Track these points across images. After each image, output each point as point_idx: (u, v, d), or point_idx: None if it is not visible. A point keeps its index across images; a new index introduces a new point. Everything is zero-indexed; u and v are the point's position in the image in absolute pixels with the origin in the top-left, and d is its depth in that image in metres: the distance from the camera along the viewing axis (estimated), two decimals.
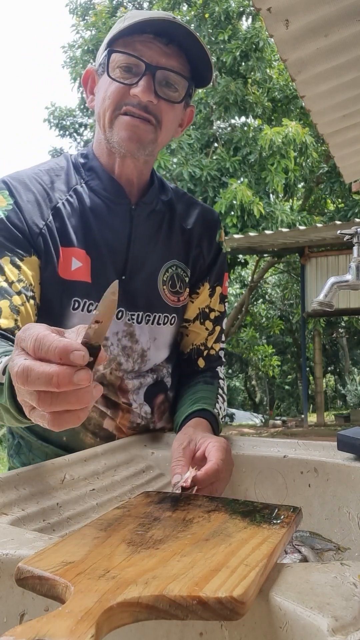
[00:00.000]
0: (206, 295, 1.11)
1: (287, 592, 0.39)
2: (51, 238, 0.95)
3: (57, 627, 0.33)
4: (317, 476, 0.83)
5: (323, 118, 3.22)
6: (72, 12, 11.32)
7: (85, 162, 1.03)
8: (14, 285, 0.89)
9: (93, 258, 0.98)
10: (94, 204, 1.00)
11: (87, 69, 1.01)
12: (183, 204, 1.11)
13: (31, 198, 0.95)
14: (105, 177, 1.00)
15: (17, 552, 0.48)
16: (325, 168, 10.10)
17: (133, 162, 0.98)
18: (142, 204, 1.03)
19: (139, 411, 1.03)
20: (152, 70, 0.90)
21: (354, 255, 0.77)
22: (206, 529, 0.51)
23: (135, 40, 0.90)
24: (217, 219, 1.14)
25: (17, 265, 0.91)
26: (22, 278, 0.91)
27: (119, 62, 0.91)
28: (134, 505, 0.58)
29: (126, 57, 0.91)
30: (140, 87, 0.89)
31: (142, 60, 0.90)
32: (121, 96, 0.91)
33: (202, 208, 1.13)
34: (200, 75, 0.97)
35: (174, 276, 1.06)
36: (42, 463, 0.77)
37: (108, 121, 0.93)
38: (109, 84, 0.92)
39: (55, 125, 11.88)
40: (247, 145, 8.99)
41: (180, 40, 0.91)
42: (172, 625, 0.43)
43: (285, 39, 2.48)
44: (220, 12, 9.16)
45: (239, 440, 0.96)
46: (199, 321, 1.11)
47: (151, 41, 0.90)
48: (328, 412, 12.27)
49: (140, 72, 0.90)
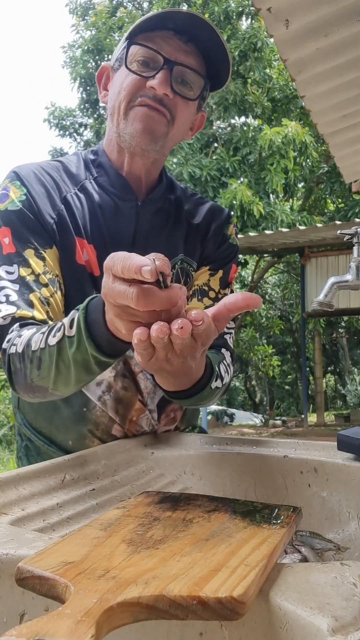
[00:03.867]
0: (205, 274, 1.08)
1: (287, 592, 0.39)
2: (65, 227, 0.95)
3: (57, 627, 0.33)
4: (317, 476, 0.83)
5: (323, 118, 3.22)
6: (72, 12, 11.32)
7: (95, 159, 1.04)
8: (41, 278, 0.90)
9: (99, 252, 0.98)
10: (101, 200, 1.00)
11: (103, 65, 1.02)
12: (191, 202, 1.11)
13: (42, 188, 0.96)
14: (113, 173, 1.01)
15: (17, 552, 0.48)
16: (325, 168, 10.10)
17: (142, 160, 0.98)
18: (148, 201, 1.03)
19: (149, 416, 1.02)
20: (170, 65, 0.90)
21: (354, 255, 0.77)
22: (206, 529, 0.51)
23: (156, 36, 0.91)
24: (228, 214, 1.13)
25: (42, 257, 0.92)
26: (47, 269, 0.92)
27: (137, 55, 0.91)
28: (134, 505, 0.58)
29: (145, 51, 0.91)
30: (157, 80, 0.89)
31: (161, 54, 0.90)
32: (137, 88, 0.91)
33: (211, 205, 1.12)
34: (217, 76, 0.97)
35: (179, 271, 1.06)
36: (42, 463, 0.77)
37: (123, 112, 0.93)
38: (125, 76, 0.93)
39: (55, 125, 11.88)
40: (247, 145, 8.99)
41: (201, 39, 0.92)
42: (172, 625, 0.43)
43: (285, 39, 2.48)
44: (219, 12, 9.16)
45: (239, 440, 0.96)
46: (196, 298, 1.07)
47: (171, 37, 0.91)
48: (328, 412, 12.27)
49: (158, 66, 0.90)
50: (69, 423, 0.99)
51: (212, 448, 0.94)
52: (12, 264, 0.89)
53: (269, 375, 13.47)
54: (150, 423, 1.03)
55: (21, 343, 0.80)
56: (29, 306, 0.87)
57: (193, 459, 0.92)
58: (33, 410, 1.03)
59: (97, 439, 0.99)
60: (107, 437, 1.00)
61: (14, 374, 0.83)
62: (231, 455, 0.90)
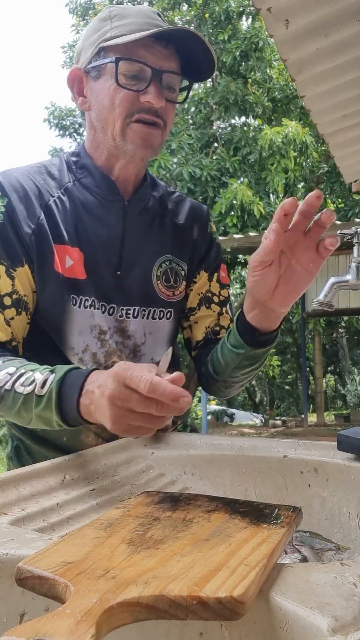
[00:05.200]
0: (205, 281, 1.13)
1: (287, 592, 0.39)
2: (44, 236, 0.96)
3: (57, 627, 0.33)
4: (317, 476, 0.83)
5: (323, 118, 3.23)
6: (72, 12, 11.31)
7: (77, 160, 1.04)
8: (5, 299, 0.92)
9: (87, 255, 0.99)
10: (86, 201, 1.01)
11: (73, 68, 0.99)
12: (173, 201, 1.13)
13: (23, 196, 0.96)
14: (98, 174, 1.02)
15: (17, 552, 0.48)
16: (325, 168, 10.09)
17: (135, 164, 1.01)
18: (135, 201, 1.04)
19: None
20: (159, 75, 0.92)
21: (354, 255, 0.77)
22: (206, 529, 0.51)
23: (137, 46, 0.90)
24: (207, 212, 1.17)
25: (12, 276, 0.93)
26: (16, 289, 0.93)
27: (123, 68, 0.91)
28: (134, 505, 0.58)
29: (131, 64, 0.91)
30: (152, 94, 0.91)
31: (149, 66, 0.91)
32: (131, 103, 0.93)
33: (191, 203, 1.15)
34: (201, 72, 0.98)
35: (167, 271, 1.08)
36: (42, 463, 0.77)
37: (120, 129, 0.94)
38: (114, 91, 0.92)
39: (55, 125, 11.87)
40: (247, 145, 8.98)
41: (179, 39, 0.92)
42: (172, 625, 0.43)
43: (285, 39, 2.48)
44: (220, 12, 9.15)
45: (239, 440, 0.96)
46: (204, 306, 1.12)
47: (152, 45, 0.91)
48: (328, 412, 12.27)
49: (146, 78, 0.91)
50: None
51: (212, 448, 0.94)
52: None
53: (269, 375, 13.46)
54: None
55: None
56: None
57: (193, 459, 0.92)
58: None
59: (93, 433, 1.00)
60: (102, 431, 1.00)
61: None
62: (231, 455, 0.90)
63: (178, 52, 0.94)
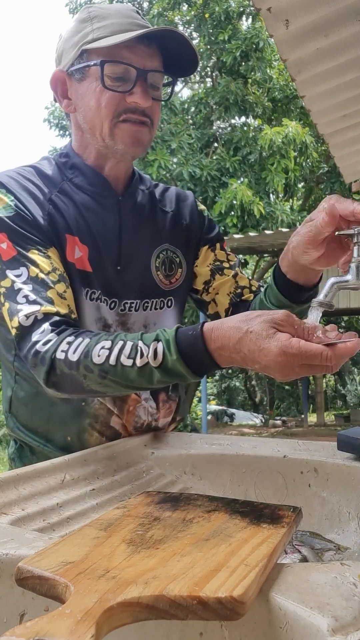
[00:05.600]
0: (208, 253, 1.15)
1: (287, 592, 0.39)
2: (56, 226, 0.97)
3: (57, 627, 0.33)
4: (317, 476, 0.83)
5: (323, 118, 3.22)
6: (72, 12, 11.31)
7: (66, 161, 1.04)
8: (51, 275, 0.91)
9: (90, 249, 1.00)
10: (81, 200, 1.02)
11: (54, 72, 0.99)
12: (159, 192, 1.15)
13: (26, 193, 0.96)
14: (90, 172, 1.03)
15: (17, 552, 0.48)
16: (325, 168, 10.09)
17: (125, 162, 1.03)
18: (127, 196, 1.06)
19: (146, 404, 1.04)
20: (144, 75, 0.93)
21: (354, 256, 0.77)
22: (206, 529, 0.51)
23: (121, 47, 0.91)
24: (192, 195, 1.20)
25: (47, 256, 0.93)
26: (55, 267, 0.93)
27: (109, 71, 0.92)
28: (134, 505, 0.58)
29: (116, 66, 0.92)
30: (138, 94, 0.93)
31: (134, 67, 0.92)
32: (117, 104, 0.94)
33: (176, 191, 1.18)
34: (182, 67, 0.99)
35: (165, 260, 1.10)
36: (42, 463, 0.77)
37: (107, 130, 0.95)
38: (100, 93, 0.93)
39: (55, 125, 11.86)
40: (247, 145, 8.98)
41: (160, 37, 0.94)
42: (172, 625, 0.43)
43: (285, 39, 2.47)
44: (220, 12, 9.15)
45: (239, 440, 0.96)
46: (217, 274, 1.14)
47: (135, 45, 0.92)
48: (328, 412, 12.26)
49: (131, 78, 0.93)
50: (67, 419, 1.00)
51: (212, 448, 0.94)
52: (18, 267, 0.90)
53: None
54: (149, 412, 1.05)
55: (74, 351, 0.81)
56: (50, 302, 0.88)
57: (193, 459, 0.92)
58: (28, 411, 1.03)
59: (97, 432, 1.00)
60: (105, 429, 1.00)
61: (58, 377, 0.84)
62: (231, 455, 0.90)
63: (160, 49, 0.96)
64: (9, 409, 1.06)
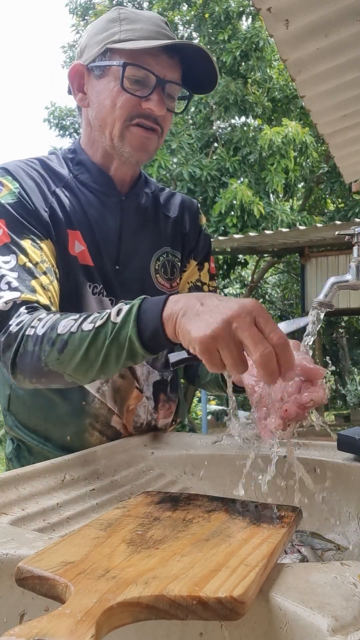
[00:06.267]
0: (195, 270, 1.16)
1: (287, 592, 0.39)
2: (58, 219, 0.97)
3: (57, 627, 0.33)
4: (317, 476, 0.83)
5: (323, 118, 3.22)
6: (72, 12, 11.30)
7: (73, 157, 1.06)
8: (39, 266, 0.91)
9: (90, 246, 1.00)
10: (85, 197, 1.03)
11: (75, 64, 1.00)
12: (164, 196, 1.16)
13: (32, 183, 0.97)
14: (95, 170, 1.04)
15: (17, 552, 0.48)
16: (325, 168, 10.09)
17: (131, 166, 1.04)
18: (131, 196, 1.07)
19: (147, 402, 1.04)
20: (162, 84, 0.95)
21: (354, 255, 0.77)
22: (206, 529, 0.51)
23: (145, 53, 0.93)
24: (197, 205, 1.22)
25: (39, 247, 0.93)
26: (45, 259, 0.93)
27: (129, 73, 0.93)
28: (134, 505, 0.58)
29: (138, 70, 0.93)
30: (154, 102, 0.94)
31: (154, 74, 0.93)
32: (132, 107, 0.95)
33: (182, 197, 1.19)
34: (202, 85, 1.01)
35: (165, 263, 1.11)
36: (42, 463, 0.77)
37: (118, 131, 0.97)
38: (117, 93, 0.95)
39: (55, 125, 11.86)
40: (247, 145, 8.97)
41: (185, 52, 0.95)
42: (172, 625, 0.43)
43: (285, 39, 2.47)
44: (220, 12, 9.15)
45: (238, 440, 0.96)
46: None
47: (159, 54, 0.94)
48: (328, 412, 12.26)
49: (150, 85, 0.94)
50: (67, 418, 0.99)
51: (212, 448, 0.94)
52: (9, 254, 0.89)
53: None
54: (149, 411, 1.05)
55: (43, 325, 0.80)
56: (32, 291, 0.88)
57: (193, 459, 0.92)
58: (27, 409, 1.03)
59: (97, 431, 1.00)
60: (106, 429, 1.00)
61: (21, 356, 0.82)
62: (231, 455, 0.90)
63: (182, 62, 0.97)
64: (8, 407, 1.06)
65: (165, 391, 1.09)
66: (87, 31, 1.01)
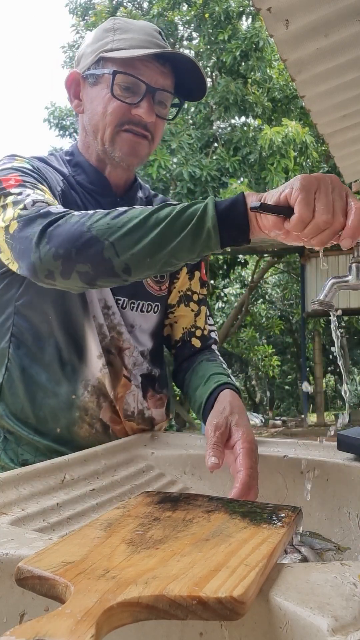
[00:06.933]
0: (185, 279, 1.17)
1: (287, 592, 0.39)
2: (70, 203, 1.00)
3: (57, 627, 0.33)
4: (317, 476, 0.83)
5: (323, 118, 3.22)
6: (72, 12, 11.30)
7: (70, 159, 1.08)
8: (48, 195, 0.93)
9: None
10: (82, 197, 1.05)
11: (72, 72, 1.04)
12: (157, 202, 1.17)
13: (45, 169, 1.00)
14: (92, 171, 1.06)
15: (17, 552, 0.48)
16: (325, 168, 10.09)
17: (122, 170, 1.06)
18: (126, 198, 1.09)
19: (135, 392, 1.05)
20: (152, 91, 0.97)
21: (354, 255, 0.77)
22: (206, 529, 0.51)
23: (135, 61, 0.95)
24: None
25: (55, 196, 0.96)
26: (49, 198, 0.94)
27: (120, 80, 0.96)
28: (134, 505, 0.58)
29: (127, 77, 0.96)
30: (144, 109, 0.97)
31: (144, 82, 0.96)
32: (122, 114, 0.98)
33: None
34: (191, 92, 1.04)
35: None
36: (42, 463, 0.77)
37: (109, 136, 1.00)
38: (108, 100, 0.98)
39: (55, 125, 11.86)
40: (247, 145, 8.97)
41: (175, 60, 0.98)
42: (172, 625, 0.43)
43: (285, 39, 2.47)
44: (220, 12, 9.14)
45: None
46: (183, 304, 1.16)
47: (150, 62, 0.96)
48: (328, 412, 12.26)
49: (140, 92, 0.97)
50: (58, 411, 1.00)
51: None
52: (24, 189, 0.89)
53: (269, 375, 13.45)
54: (138, 400, 1.06)
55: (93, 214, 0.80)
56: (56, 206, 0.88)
57: (193, 459, 0.92)
58: (19, 400, 1.03)
59: (87, 424, 1.01)
60: (95, 422, 1.01)
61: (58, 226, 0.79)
62: None
63: (174, 70, 0.99)
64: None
65: (154, 386, 1.10)
66: (85, 40, 1.05)
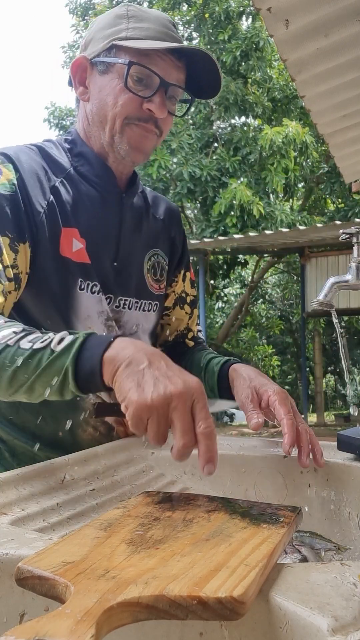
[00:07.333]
0: (181, 281, 1.18)
1: (287, 592, 0.39)
2: (53, 217, 0.94)
3: (57, 627, 0.33)
4: (317, 476, 0.83)
5: (323, 118, 3.22)
6: (72, 12, 11.31)
7: (71, 148, 1.02)
8: (7, 271, 0.88)
9: (88, 242, 0.98)
10: (86, 190, 1.00)
11: (79, 57, 0.98)
12: (150, 196, 1.16)
13: (33, 175, 0.94)
14: (98, 163, 1.01)
15: (17, 552, 0.48)
16: (325, 168, 10.09)
17: (124, 164, 1.02)
18: (130, 193, 1.06)
19: None
20: (166, 86, 0.93)
21: (354, 255, 0.77)
22: (206, 529, 0.51)
23: (151, 53, 0.91)
24: (178, 209, 1.23)
25: (15, 250, 0.89)
26: (16, 264, 0.89)
27: (133, 71, 0.92)
28: (134, 505, 0.58)
29: (142, 69, 0.91)
30: (156, 104, 0.93)
31: (158, 76, 0.92)
32: (133, 107, 0.93)
33: (166, 200, 1.20)
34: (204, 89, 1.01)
35: (155, 264, 1.11)
36: (42, 463, 0.77)
37: (118, 127, 0.95)
38: (120, 91, 0.93)
39: (55, 125, 11.86)
40: (247, 145, 8.98)
41: (192, 56, 0.94)
42: (172, 625, 0.43)
43: (285, 39, 2.47)
44: (220, 12, 9.15)
45: (239, 440, 0.96)
46: (178, 306, 1.17)
47: (165, 56, 0.92)
48: (328, 412, 12.26)
49: (153, 86, 0.93)
50: (60, 414, 0.97)
51: None
52: None
53: (269, 375, 13.46)
54: None
55: None
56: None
57: (193, 459, 0.91)
58: (15, 405, 0.99)
59: (91, 427, 1.00)
60: (100, 424, 1.00)
61: None
62: (231, 455, 0.90)
63: (187, 66, 0.96)
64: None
65: None
66: (93, 24, 0.98)
